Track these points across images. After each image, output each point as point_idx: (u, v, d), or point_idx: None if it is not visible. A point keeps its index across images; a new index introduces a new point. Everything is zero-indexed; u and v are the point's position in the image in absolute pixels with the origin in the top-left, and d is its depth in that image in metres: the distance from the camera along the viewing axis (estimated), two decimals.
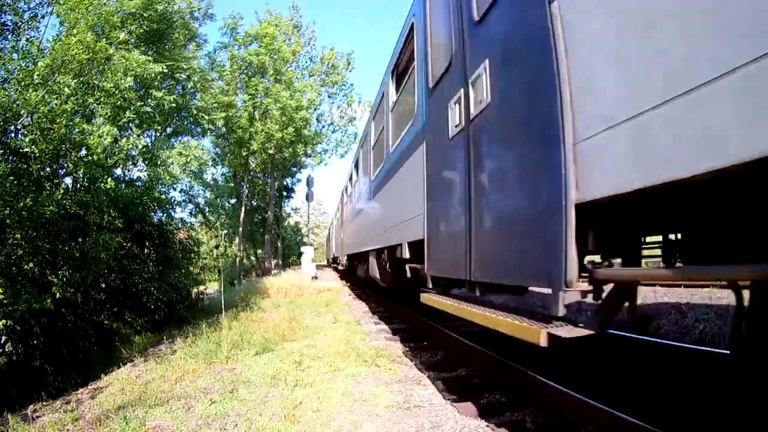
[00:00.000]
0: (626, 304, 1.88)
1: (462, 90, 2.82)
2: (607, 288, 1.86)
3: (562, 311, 1.76)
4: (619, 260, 1.80)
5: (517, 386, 3.26)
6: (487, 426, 2.71)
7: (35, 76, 6.28)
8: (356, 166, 9.65)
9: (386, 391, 3.43)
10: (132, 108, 8.05)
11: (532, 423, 2.74)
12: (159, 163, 9.76)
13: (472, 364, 4.07)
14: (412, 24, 4.33)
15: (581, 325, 1.85)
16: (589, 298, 1.79)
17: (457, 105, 2.88)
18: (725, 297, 6.19)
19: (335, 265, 22.78)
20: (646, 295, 7.24)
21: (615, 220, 2.01)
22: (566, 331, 1.78)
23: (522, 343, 2.09)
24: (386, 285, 6.27)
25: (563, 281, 1.71)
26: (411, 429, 2.76)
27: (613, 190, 1.51)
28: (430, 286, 3.62)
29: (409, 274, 4.57)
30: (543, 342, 1.80)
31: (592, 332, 1.77)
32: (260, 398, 3.35)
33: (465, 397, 3.26)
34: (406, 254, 4.38)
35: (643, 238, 2.43)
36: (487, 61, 2.46)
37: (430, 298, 3.44)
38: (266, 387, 3.62)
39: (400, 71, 5.28)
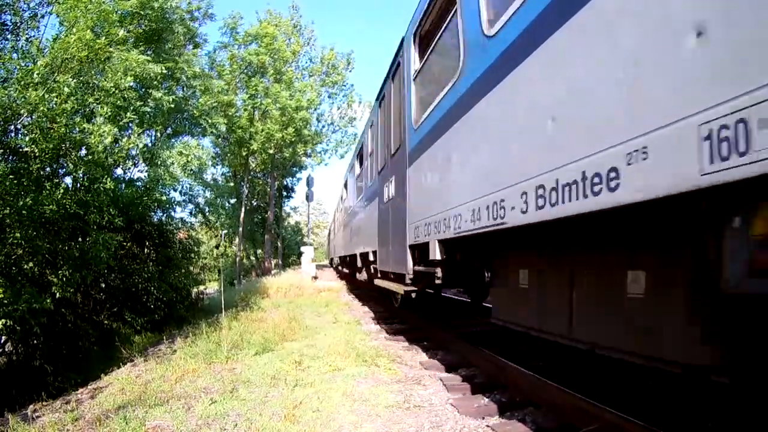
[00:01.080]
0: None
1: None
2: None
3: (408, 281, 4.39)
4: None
5: (517, 386, 3.26)
6: (487, 426, 2.71)
7: (35, 75, 6.27)
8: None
9: (386, 391, 3.43)
10: (132, 108, 8.05)
11: (533, 423, 2.73)
12: (159, 163, 9.76)
13: (472, 364, 4.06)
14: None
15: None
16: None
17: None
18: None
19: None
20: None
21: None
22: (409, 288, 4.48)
23: (520, 347, 2.20)
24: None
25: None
26: (411, 429, 2.75)
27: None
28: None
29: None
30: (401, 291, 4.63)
31: (416, 289, 4.58)
32: (260, 398, 3.35)
33: (465, 397, 3.26)
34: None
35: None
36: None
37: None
38: (266, 387, 3.62)
39: None
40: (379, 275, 6.30)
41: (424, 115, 3.97)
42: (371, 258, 6.90)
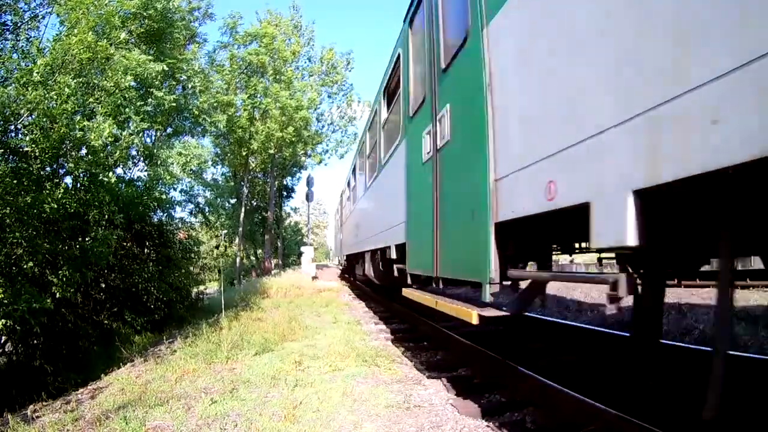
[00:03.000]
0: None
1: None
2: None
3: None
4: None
5: (517, 386, 3.26)
6: (487, 426, 2.71)
7: (35, 75, 6.28)
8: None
9: (386, 391, 3.43)
10: (132, 107, 8.07)
11: (532, 423, 2.74)
12: (159, 162, 9.77)
13: (472, 364, 4.06)
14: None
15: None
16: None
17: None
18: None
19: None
20: None
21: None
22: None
23: (520, 347, 2.33)
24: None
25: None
26: (411, 429, 2.75)
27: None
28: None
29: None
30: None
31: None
32: (260, 398, 3.35)
33: (465, 397, 3.26)
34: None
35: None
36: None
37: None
38: (266, 387, 3.62)
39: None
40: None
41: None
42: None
